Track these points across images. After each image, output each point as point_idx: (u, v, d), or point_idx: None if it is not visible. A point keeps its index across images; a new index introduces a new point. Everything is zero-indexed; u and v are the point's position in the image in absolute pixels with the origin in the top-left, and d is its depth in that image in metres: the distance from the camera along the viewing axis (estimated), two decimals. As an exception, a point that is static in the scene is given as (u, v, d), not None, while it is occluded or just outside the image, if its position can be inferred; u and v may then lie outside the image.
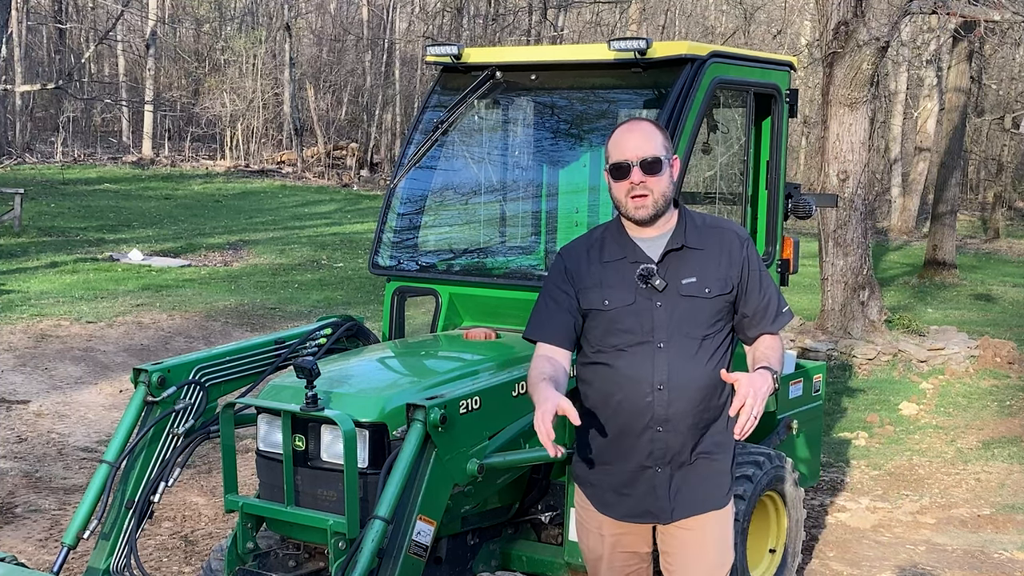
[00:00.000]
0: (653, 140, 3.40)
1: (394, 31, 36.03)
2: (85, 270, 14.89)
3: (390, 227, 5.32)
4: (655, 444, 3.42)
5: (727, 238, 3.48)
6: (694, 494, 3.48)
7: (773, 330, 3.51)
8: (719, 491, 3.53)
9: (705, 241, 3.45)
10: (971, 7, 13.66)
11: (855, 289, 11.41)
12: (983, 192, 33.82)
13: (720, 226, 3.53)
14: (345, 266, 16.90)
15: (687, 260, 3.43)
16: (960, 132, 19.20)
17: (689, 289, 3.40)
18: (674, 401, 3.39)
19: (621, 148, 3.40)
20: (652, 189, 3.37)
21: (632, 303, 3.41)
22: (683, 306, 3.40)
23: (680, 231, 3.45)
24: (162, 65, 36.89)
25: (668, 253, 3.42)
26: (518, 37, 28.06)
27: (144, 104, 32.56)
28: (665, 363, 3.38)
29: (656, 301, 3.40)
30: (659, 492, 3.47)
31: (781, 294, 3.59)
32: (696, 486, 3.48)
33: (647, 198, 3.37)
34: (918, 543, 6.53)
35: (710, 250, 3.45)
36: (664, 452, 3.43)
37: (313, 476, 3.87)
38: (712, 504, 3.52)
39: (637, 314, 3.41)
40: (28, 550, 5.82)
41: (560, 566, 4.56)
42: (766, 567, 5.35)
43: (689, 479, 3.47)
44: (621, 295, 3.42)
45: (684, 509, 3.49)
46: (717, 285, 3.42)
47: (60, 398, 8.84)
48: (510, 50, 5.73)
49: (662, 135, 3.43)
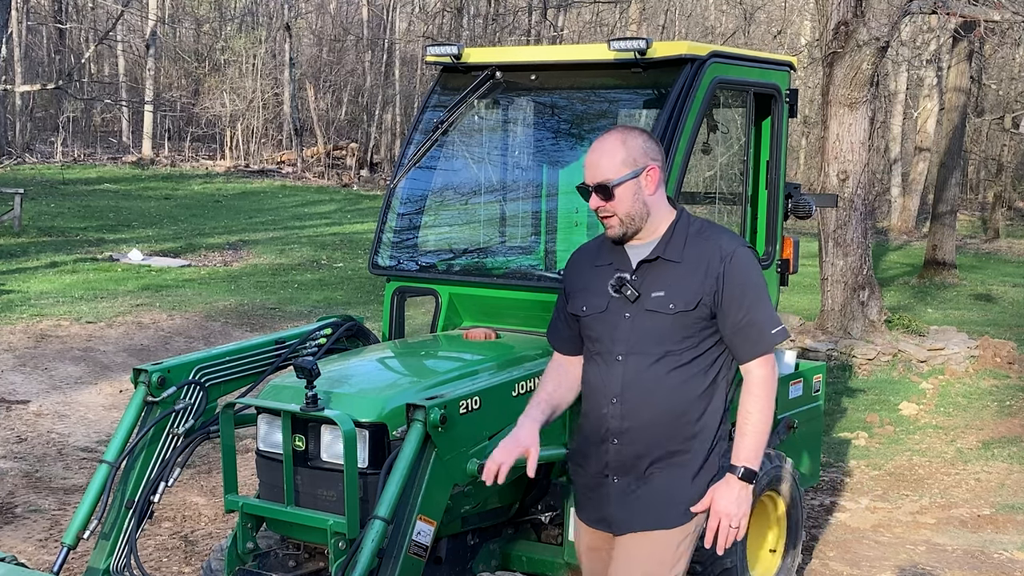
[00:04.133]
0: (611, 160, 3.27)
1: (394, 31, 36.01)
2: (85, 270, 14.89)
3: (390, 227, 5.31)
4: (610, 455, 3.39)
5: (709, 252, 3.30)
6: (643, 510, 3.37)
7: (756, 353, 3.29)
8: (671, 510, 3.35)
9: (686, 254, 3.31)
10: (971, 7, 13.68)
11: (855, 289, 11.41)
12: (983, 192, 33.84)
13: (708, 238, 3.34)
14: (345, 266, 16.90)
15: (660, 273, 3.32)
16: (960, 132, 19.21)
17: (655, 303, 3.29)
18: (628, 415, 3.33)
19: (585, 169, 3.34)
20: (615, 211, 3.30)
21: (603, 311, 3.37)
22: (647, 320, 3.30)
23: (663, 241, 3.34)
24: (162, 65, 36.88)
25: (641, 264, 3.34)
26: (518, 37, 28.06)
27: (144, 104, 32.55)
28: (620, 376, 3.33)
29: (625, 312, 3.33)
30: (612, 501, 3.42)
31: (773, 315, 3.35)
32: (647, 502, 3.36)
33: (613, 218, 3.31)
34: (918, 543, 6.53)
35: (688, 264, 3.30)
36: (619, 464, 3.37)
37: (313, 476, 3.87)
38: (659, 523, 3.36)
39: (605, 322, 3.37)
40: (28, 550, 5.82)
41: (560, 566, 4.56)
42: (766, 567, 5.35)
43: (641, 494, 3.36)
44: (596, 301, 3.39)
45: (630, 523, 3.39)
46: (683, 301, 3.27)
47: (60, 398, 8.83)
48: (510, 50, 5.73)
49: (624, 150, 3.28)
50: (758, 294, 3.32)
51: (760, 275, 3.37)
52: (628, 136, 3.33)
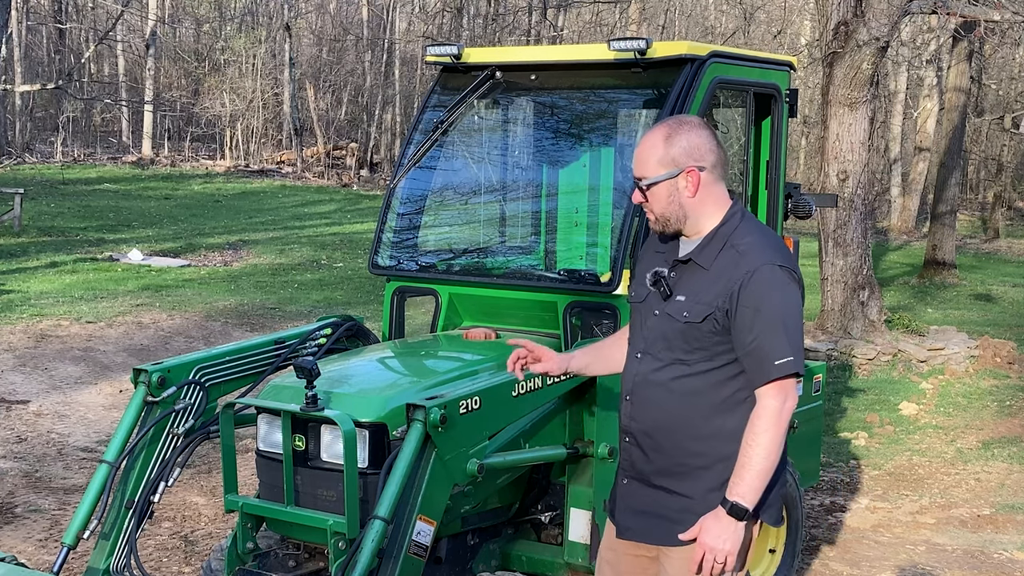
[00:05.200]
0: (650, 157, 3.15)
1: (394, 31, 36.00)
2: (85, 270, 14.89)
3: (390, 227, 5.31)
4: (624, 454, 3.31)
5: (735, 265, 3.10)
6: (643, 518, 3.24)
7: (759, 381, 3.06)
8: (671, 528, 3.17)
9: (716, 262, 3.14)
10: (971, 7, 13.68)
11: (855, 289, 11.41)
12: (983, 192, 33.83)
13: (742, 251, 3.12)
14: (345, 266, 16.90)
15: (689, 276, 3.18)
16: (960, 132, 19.20)
17: (673, 307, 3.16)
18: (635, 415, 3.24)
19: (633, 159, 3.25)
20: (651, 208, 3.21)
21: (641, 301, 3.28)
22: (663, 323, 3.18)
23: (701, 244, 3.18)
24: (162, 65, 36.87)
25: (676, 263, 3.21)
26: (518, 37, 28.05)
27: (144, 104, 32.54)
28: (634, 374, 3.26)
29: (655, 309, 3.22)
30: (618, 503, 3.34)
31: (784, 344, 3.06)
32: (649, 510, 3.23)
33: (650, 214, 3.23)
34: (918, 543, 6.52)
35: (715, 272, 3.13)
36: (631, 464, 3.28)
37: (313, 476, 3.87)
38: (658, 537, 3.22)
39: (638, 314, 3.30)
40: (28, 550, 5.82)
41: (560, 566, 4.56)
42: (766, 567, 5.35)
43: (644, 500, 3.24)
44: (639, 291, 3.30)
45: (629, 530, 3.28)
46: (696, 312, 3.10)
47: (60, 398, 8.83)
48: (510, 50, 5.73)
49: (665, 147, 3.13)
50: (773, 318, 3.06)
51: (785, 298, 3.11)
52: (675, 133, 3.16)
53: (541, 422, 4.38)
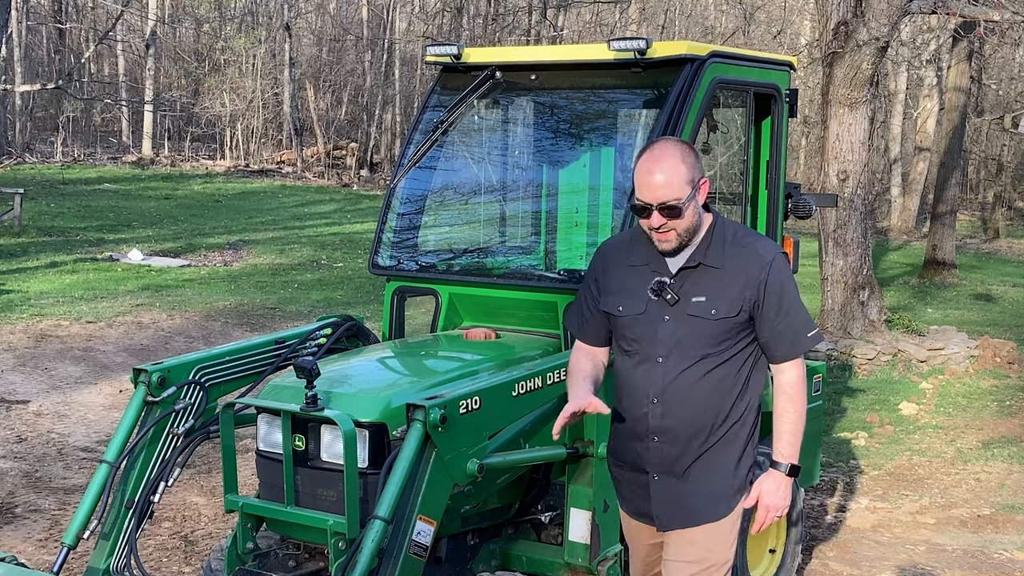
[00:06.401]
0: (677, 178, 3.34)
1: (394, 31, 36.00)
2: (85, 270, 14.89)
3: (390, 227, 5.31)
4: (651, 452, 3.52)
5: (749, 258, 3.42)
6: (686, 506, 3.53)
7: (791, 355, 3.46)
8: (715, 505, 3.53)
9: (727, 260, 3.43)
10: (971, 7, 13.68)
11: (855, 289, 11.41)
12: (983, 192, 33.84)
13: (747, 245, 3.47)
14: (345, 266, 16.90)
15: (701, 278, 3.43)
16: (960, 132, 19.21)
17: (696, 308, 3.41)
18: (667, 415, 3.46)
19: (643, 188, 3.37)
20: (675, 227, 3.38)
21: (642, 312, 3.47)
22: (688, 324, 3.42)
23: (703, 247, 3.45)
24: (162, 65, 36.85)
25: (683, 270, 3.44)
26: (518, 37, 28.06)
27: (144, 104, 32.52)
28: (661, 377, 3.44)
29: (665, 315, 3.44)
30: (654, 498, 3.56)
31: (808, 319, 3.49)
32: (689, 499, 3.52)
33: (670, 233, 3.40)
34: (918, 543, 6.53)
35: (729, 269, 3.42)
36: (660, 461, 3.51)
37: (313, 476, 3.87)
38: (704, 518, 3.53)
39: (645, 324, 3.47)
40: (28, 550, 5.82)
41: (560, 566, 4.55)
42: (766, 567, 5.35)
43: (682, 491, 3.52)
44: (634, 303, 3.48)
45: (675, 520, 3.55)
46: (725, 307, 3.40)
47: (60, 398, 8.84)
48: (510, 50, 5.73)
49: (686, 167, 3.37)
50: (794, 298, 3.46)
51: (793, 279, 3.52)
52: (684, 152, 3.41)
53: (541, 422, 4.37)
